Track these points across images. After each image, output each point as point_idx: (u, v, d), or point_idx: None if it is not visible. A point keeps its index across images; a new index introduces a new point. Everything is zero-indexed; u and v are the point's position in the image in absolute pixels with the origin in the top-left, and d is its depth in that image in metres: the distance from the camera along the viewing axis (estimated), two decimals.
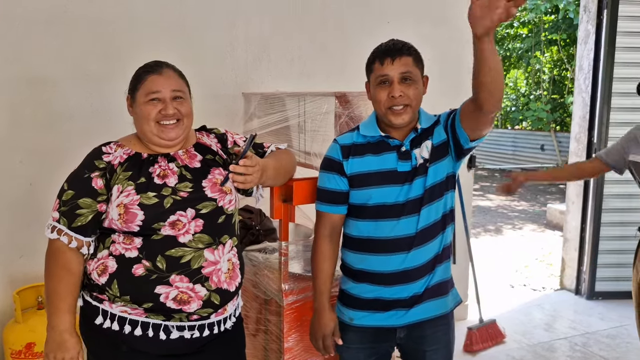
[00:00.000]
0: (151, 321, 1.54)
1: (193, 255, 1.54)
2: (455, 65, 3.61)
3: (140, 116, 1.59)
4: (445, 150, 1.72)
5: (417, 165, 1.70)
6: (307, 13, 3.15)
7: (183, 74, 1.67)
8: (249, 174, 1.55)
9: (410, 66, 1.67)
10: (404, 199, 1.69)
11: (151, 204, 1.51)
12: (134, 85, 1.62)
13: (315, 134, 2.17)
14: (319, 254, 1.80)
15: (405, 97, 1.65)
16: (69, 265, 1.54)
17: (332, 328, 1.79)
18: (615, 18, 4.00)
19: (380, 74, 1.67)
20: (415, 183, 1.69)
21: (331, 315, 1.80)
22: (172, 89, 1.59)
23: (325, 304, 1.79)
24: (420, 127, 1.73)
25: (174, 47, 2.80)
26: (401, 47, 1.68)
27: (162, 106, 1.58)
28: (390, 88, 1.66)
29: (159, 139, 1.59)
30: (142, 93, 1.58)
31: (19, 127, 2.61)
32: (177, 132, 1.60)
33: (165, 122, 1.58)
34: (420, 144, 1.72)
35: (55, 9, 2.61)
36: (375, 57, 1.70)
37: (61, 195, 1.56)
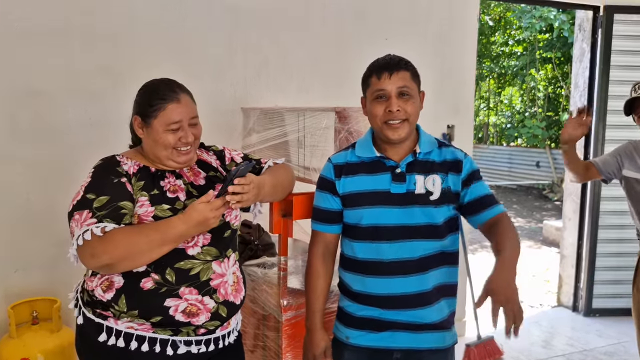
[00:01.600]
0: (159, 336, 1.52)
1: (202, 268, 1.54)
2: (454, 82, 3.66)
3: (156, 142, 1.56)
4: (453, 199, 1.70)
5: (414, 192, 1.67)
6: (306, 29, 3.17)
7: (192, 94, 1.65)
8: (245, 193, 1.51)
9: (408, 81, 1.66)
10: (400, 223, 1.66)
11: (166, 217, 1.50)
12: (149, 111, 1.56)
13: (315, 149, 2.18)
14: (312, 272, 1.78)
15: (402, 112, 1.63)
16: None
17: (323, 348, 1.76)
18: (610, 37, 4.05)
19: (378, 89, 1.65)
20: (414, 210, 1.66)
21: (322, 335, 1.76)
22: (190, 117, 1.58)
23: (317, 324, 1.76)
24: (420, 151, 1.70)
25: (174, 61, 2.82)
26: (398, 61, 1.67)
27: (182, 134, 1.56)
28: (388, 103, 1.63)
29: (173, 163, 1.59)
30: (162, 122, 1.54)
31: (18, 139, 2.61)
32: (190, 156, 1.62)
33: (183, 148, 1.58)
34: (424, 173, 1.68)
35: (56, 22, 2.62)
36: (372, 72, 1.68)
37: (88, 205, 1.45)
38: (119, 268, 1.47)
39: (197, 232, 1.49)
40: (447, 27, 3.58)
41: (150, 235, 1.43)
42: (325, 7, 3.22)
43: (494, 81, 16.06)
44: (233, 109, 2.97)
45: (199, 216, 1.44)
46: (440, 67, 3.58)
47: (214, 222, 1.48)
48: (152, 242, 1.43)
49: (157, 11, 2.82)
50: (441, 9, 3.55)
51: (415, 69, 1.71)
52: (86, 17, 2.68)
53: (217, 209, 1.46)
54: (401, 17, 3.45)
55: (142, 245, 1.42)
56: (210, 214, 1.44)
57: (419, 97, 1.71)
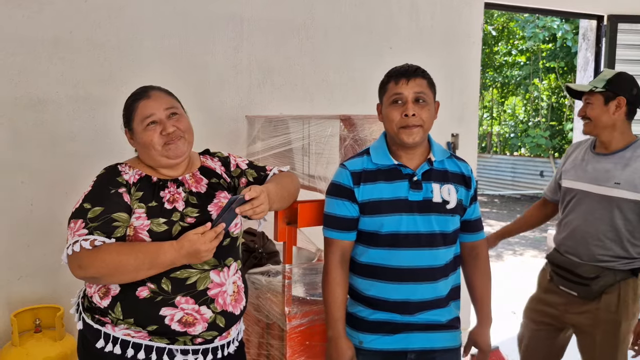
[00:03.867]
0: (155, 344, 1.51)
1: (199, 277, 1.52)
2: (458, 91, 3.66)
3: (143, 145, 1.57)
4: (462, 211, 1.78)
5: (432, 199, 1.71)
6: (310, 38, 3.18)
7: (171, 92, 1.66)
8: (259, 205, 1.51)
9: (425, 88, 1.71)
10: (417, 230, 1.70)
11: (160, 231, 1.49)
12: (127, 117, 1.60)
13: (320, 157, 2.17)
14: (331, 281, 1.76)
15: (418, 117, 1.67)
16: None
17: (351, 356, 1.75)
18: (614, 46, 4.06)
19: (395, 93, 1.69)
20: (431, 218, 1.70)
21: (348, 343, 1.75)
22: (164, 108, 1.57)
23: (341, 332, 1.75)
24: (435, 159, 1.75)
25: (178, 71, 2.83)
26: (416, 69, 1.72)
27: (160, 128, 1.56)
28: (404, 107, 1.68)
29: (167, 160, 1.57)
30: (138, 121, 1.56)
31: (22, 148, 2.61)
32: (183, 148, 1.59)
33: (169, 142, 1.56)
34: (439, 181, 1.73)
35: (61, 33, 2.63)
36: (390, 78, 1.73)
37: (83, 215, 1.47)
38: (104, 282, 1.48)
39: (189, 262, 1.47)
40: (451, 36, 3.59)
41: (139, 257, 1.42)
42: (329, 16, 3.22)
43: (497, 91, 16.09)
44: (238, 117, 2.97)
45: (190, 247, 1.43)
46: (444, 76, 3.58)
47: (207, 255, 1.45)
48: (140, 265, 1.42)
49: (161, 21, 2.83)
50: (445, 18, 3.56)
51: (431, 79, 1.76)
52: (91, 28, 2.69)
53: (210, 241, 1.44)
54: (405, 27, 3.46)
55: (129, 266, 1.42)
56: (202, 246, 1.43)
57: (435, 106, 1.75)
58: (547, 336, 2.36)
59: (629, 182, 2.08)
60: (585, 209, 2.18)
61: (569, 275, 2.22)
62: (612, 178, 2.11)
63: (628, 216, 2.10)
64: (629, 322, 2.15)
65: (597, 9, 4.07)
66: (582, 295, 2.19)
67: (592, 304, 2.17)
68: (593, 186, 2.16)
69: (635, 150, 2.12)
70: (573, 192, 2.23)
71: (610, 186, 2.11)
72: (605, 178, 2.12)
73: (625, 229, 2.11)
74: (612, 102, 2.12)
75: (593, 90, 2.15)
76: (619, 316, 2.14)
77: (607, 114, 2.12)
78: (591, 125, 2.17)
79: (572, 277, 2.21)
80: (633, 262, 2.14)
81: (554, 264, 2.30)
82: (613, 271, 2.14)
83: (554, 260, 2.29)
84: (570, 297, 2.24)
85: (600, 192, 2.13)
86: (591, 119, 2.16)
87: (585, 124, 2.20)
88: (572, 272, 2.20)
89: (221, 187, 1.69)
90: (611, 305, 2.14)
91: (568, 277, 2.22)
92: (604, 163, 2.15)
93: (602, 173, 2.14)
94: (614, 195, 2.10)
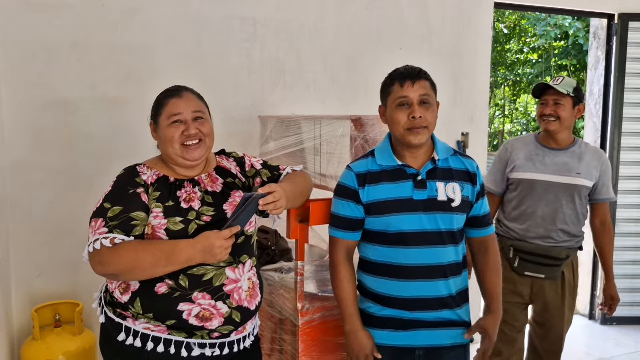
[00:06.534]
0: (174, 338, 1.56)
1: (215, 274, 1.58)
2: (468, 91, 3.68)
3: (164, 139, 1.64)
4: (468, 209, 1.81)
5: (437, 198, 1.74)
6: (322, 39, 3.23)
7: (202, 97, 1.73)
8: (277, 200, 1.57)
9: (429, 90, 1.74)
10: (424, 229, 1.73)
11: (177, 230, 1.55)
12: (156, 110, 1.67)
13: (331, 157, 2.22)
14: (340, 278, 1.81)
15: (424, 119, 1.71)
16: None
17: (372, 346, 1.78)
18: (625, 44, 4.05)
19: (401, 96, 1.72)
20: (437, 216, 1.74)
21: (367, 334, 1.79)
22: (192, 110, 1.64)
23: (359, 325, 1.79)
24: (439, 158, 1.78)
25: (193, 72, 2.89)
26: (419, 71, 1.75)
27: (184, 128, 1.62)
28: (411, 110, 1.71)
29: (183, 160, 1.63)
30: (165, 117, 1.64)
31: (42, 148, 2.69)
32: (200, 153, 1.65)
33: (189, 142, 1.63)
34: (444, 180, 1.76)
35: (79, 36, 2.71)
36: (394, 80, 1.75)
37: (104, 214, 1.53)
38: (124, 278, 1.54)
39: (204, 260, 1.52)
40: (461, 36, 3.62)
41: (157, 255, 1.48)
42: (340, 18, 3.27)
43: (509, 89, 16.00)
44: (251, 118, 3.02)
45: (206, 242, 1.49)
46: (454, 75, 3.61)
47: (221, 253, 1.51)
48: (158, 262, 1.48)
49: (176, 24, 2.89)
50: (455, 18, 3.59)
51: (432, 80, 1.79)
52: (109, 31, 2.76)
53: (225, 238, 1.50)
54: (416, 27, 3.49)
55: (146, 264, 1.48)
56: (216, 242, 1.49)
57: (436, 106, 1.78)
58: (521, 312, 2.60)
59: (587, 172, 2.44)
60: (550, 198, 2.45)
61: (541, 260, 2.48)
62: (573, 169, 2.44)
63: (583, 200, 2.48)
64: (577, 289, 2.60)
65: (608, 8, 4.07)
66: (550, 276, 2.48)
67: (557, 282, 2.49)
68: (558, 177, 2.45)
69: (581, 146, 2.50)
70: (535, 182, 2.48)
71: (573, 176, 2.44)
72: (567, 169, 2.45)
73: (581, 212, 2.48)
74: (577, 107, 2.46)
75: (568, 94, 2.40)
76: (576, 287, 2.56)
77: (572, 117, 2.46)
78: (558, 124, 2.44)
79: (544, 261, 2.48)
80: (580, 240, 2.53)
81: (523, 252, 2.51)
82: (572, 250, 2.50)
83: (524, 249, 2.51)
84: (534, 280, 2.51)
85: (565, 181, 2.44)
86: (560, 118, 2.43)
87: (552, 122, 2.45)
88: (546, 256, 2.47)
89: (236, 187, 1.74)
90: (571, 280, 2.52)
91: (539, 261, 2.48)
92: (562, 157, 2.47)
93: (563, 165, 2.46)
94: (577, 184, 2.44)
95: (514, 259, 2.53)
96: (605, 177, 2.48)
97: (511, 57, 14.52)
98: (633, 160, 4.13)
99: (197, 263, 1.53)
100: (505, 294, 2.49)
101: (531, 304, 2.58)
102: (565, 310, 2.51)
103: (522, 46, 14.07)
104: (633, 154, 4.13)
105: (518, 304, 2.55)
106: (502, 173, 2.61)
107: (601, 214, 2.54)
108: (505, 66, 14.75)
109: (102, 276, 1.56)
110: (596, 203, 2.52)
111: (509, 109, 16.91)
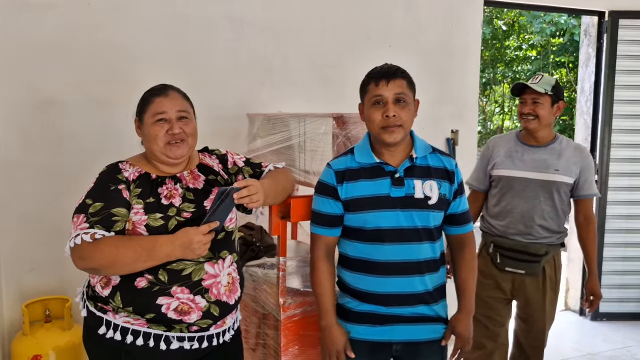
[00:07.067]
0: (153, 331, 1.60)
1: (194, 269, 1.61)
2: (457, 88, 3.70)
3: (148, 137, 1.67)
4: (445, 206, 1.84)
5: (413, 195, 1.76)
6: (309, 37, 3.25)
7: (187, 96, 1.76)
8: (252, 194, 1.60)
9: (404, 88, 1.75)
10: (400, 225, 1.76)
11: (157, 226, 1.58)
12: (141, 107, 1.71)
13: (314, 154, 2.25)
14: (319, 273, 1.84)
15: (398, 118, 1.73)
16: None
17: (344, 342, 1.82)
18: (615, 42, 4.07)
19: (375, 94, 1.75)
20: (413, 213, 1.76)
21: (341, 330, 1.83)
22: (177, 110, 1.68)
23: (333, 321, 1.83)
24: (417, 156, 1.80)
25: (181, 71, 2.91)
26: (395, 70, 1.77)
27: (168, 126, 1.66)
28: (385, 108, 1.73)
29: (166, 158, 1.67)
30: (149, 115, 1.67)
31: (31, 146, 2.72)
32: (183, 151, 1.68)
33: (172, 141, 1.66)
34: (421, 177, 1.79)
35: (65, 35, 2.74)
36: (370, 79, 1.78)
37: (85, 210, 1.56)
38: (105, 273, 1.58)
39: (184, 255, 1.54)
40: (451, 33, 3.63)
41: (137, 250, 1.52)
42: (327, 16, 3.29)
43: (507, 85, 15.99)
44: (239, 115, 3.05)
45: (184, 238, 1.52)
46: (444, 72, 3.63)
47: (199, 248, 1.53)
48: (138, 257, 1.52)
49: (163, 23, 2.92)
50: (444, 15, 3.61)
51: (410, 78, 1.80)
52: (95, 30, 2.79)
53: (203, 234, 1.53)
54: (404, 24, 3.51)
55: (126, 259, 1.51)
56: (195, 237, 1.52)
57: (414, 105, 1.80)
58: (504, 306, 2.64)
59: (565, 169, 2.46)
60: (529, 194, 2.49)
61: (521, 256, 2.51)
62: (551, 166, 2.47)
63: (562, 197, 2.49)
64: (559, 284, 2.62)
65: (598, 5, 4.08)
66: (530, 272, 2.51)
67: (538, 277, 2.51)
68: (535, 173, 2.48)
69: (562, 143, 2.52)
70: (514, 179, 2.52)
71: (551, 172, 2.47)
72: (545, 166, 2.47)
73: (560, 208, 2.50)
74: (555, 105, 2.48)
75: (545, 92, 2.43)
76: (557, 283, 2.58)
77: (551, 114, 2.48)
78: (536, 122, 2.47)
79: (523, 257, 2.51)
80: (562, 236, 2.55)
81: (503, 248, 2.55)
82: (552, 246, 2.52)
83: (504, 245, 2.55)
84: (515, 276, 2.54)
85: (543, 178, 2.47)
86: (539, 117, 2.46)
87: (531, 120, 2.47)
88: (525, 252, 2.51)
89: (218, 184, 1.77)
90: (552, 275, 2.54)
91: (519, 257, 2.52)
92: (540, 154, 2.50)
93: (541, 162, 2.49)
94: (556, 180, 2.46)
95: (495, 254, 2.56)
96: (586, 172, 2.49)
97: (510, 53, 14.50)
98: (623, 157, 4.15)
99: (176, 258, 1.56)
100: (487, 289, 2.55)
101: (513, 299, 2.61)
102: (547, 305, 2.54)
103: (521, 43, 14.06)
104: (623, 150, 4.15)
105: (500, 299, 2.58)
106: (484, 170, 2.65)
107: (584, 209, 2.57)
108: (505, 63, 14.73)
109: (83, 271, 1.59)
110: (578, 199, 2.54)
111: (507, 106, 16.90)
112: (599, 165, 4.19)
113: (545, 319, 2.55)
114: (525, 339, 2.62)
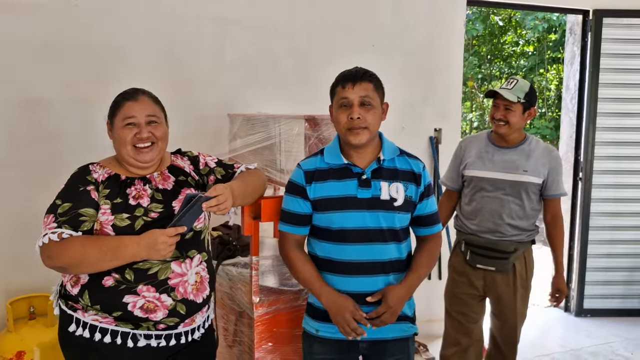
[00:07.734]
0: (120, 329, 1.64)
1: (160, 267, 1.65)
2: (441, 87, 3.73)
3: (118, 140, 1.72)
4: (411, 208, 1.87)
5: (379, 197, 1.80)
6: (293, 37, 3.29)
7: (159, 100, 1.80)
8: (220, 203, 1.63)
9: (370, 91, 1.79)
10: (366, 226, 1.80)
11: (123, 226, 1.63)
12: (112, 111, 1.75)
13: (289, 154, 2.29)
14: (295, 262, 1.86)
15: (363, 120, 1.77)
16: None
17: (352, 304, 1.78)
18: (599, 40, 4.09)
19: (342, 97, 1.79)
20: (379, 215, 1.80)
21: (343, 296, 1.80)
22: (146, 114, 1.72)
23: (331, 292, 1.80)
24: (384, 158, 1.84)
25: (164, 71, 2.95)
26: (363, 73, 1.81)
27: (137, 130, 1.70)
28: (350, 110, 1.77)
29: (135, 161, 1.71)
30: (120, 118, 1.71)
31: (16, 146, 2.77)
32: (152, 155, 1.73)
33: (140, 145, 1.70)
34: (388, 179, 1.82)
35: (52, 35, 2.78)
36: (338, 82, 1.83)
37: (54, 210, 1.62)
38: (73, 272, 1.63)
39: (149, 255, 1.58)
40: (433, 33, 3.66)
41: (103, 250, 1.57)
42: (311, 16, 3.32)
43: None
44: (222, 115, 3.08)
45: (150, 239, 1.57)
46: (427, 72, 3.66)
47: (164, 249, 1.57)
48: (103, 257, 1.57)
49: (148, 24, 2.96)
50: (428, 15, 3.64)
51: (379, 82, 1.84)
52: (80, 30, 2.83)
53: (169, 236, 1.57)
54: (388, 25, 3.54)
55: (93, 258, 1.57)
56: (160, 238, 1.56)
57: (382, 108, 1.84)
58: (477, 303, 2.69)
59: (534, 169, 2.52)
60: (499, 194, 2.54)
61: (490, 253, 2.57)
62: (520, 166, 2.52)
63: (531, 196, 2.55)
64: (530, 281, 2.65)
65: (582, 4, 4.11)
66: (500, 269, 2.57)
67: (509, 274, 2.57)
68: (505, 174, 2.54)
69: (531, 144, 2.58)
70: (484, 180, 2.57)
71: (520, 173, 2.52)
72: (515, 167, 2.53)
73: (529, 207, 2.55)
74: (527, 112, 2.53)
75: (518, 101, 2.47)
76: (528, 280, 2.63)
77: (522, 120, 2.53)
78: (507, 127, 2.52)
79: (492, 254, 2.57)
80: (532, 233, 2.60)
81: (474, 245, 2.61)
82: (522, 243, 2.58)
83: (474, 242, 2.61)
84: (486, 273, 2.60)
85: (512, 178, 2.53)
86: (510, 123, 2.50)
87: (502, 125, 2.52)
88: (494, 249, 2.56)
89: (187, 185, 1.81)
90: (522, 273, 2.59)
91: (488, 254, 2.58)
92: (510, 155, 2.56)
93: (510, 163, 2.54)
94: (524, 180, 2.52)
95: (466, 252, 2.61)
96: (554, 173, 2.54)
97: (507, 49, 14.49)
98: (607, 155, 4.19)
99: (142, 258, 1.60)
100: (461, 286, 2.60)
101: (486, 296, 2.66)
102: (518, 302, 2.59)
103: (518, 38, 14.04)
104: (607, 148, 4.18)
105: (474, 295, 2.63)
106: (457, 170, 2.70)
107: (552, 209, 2.62)
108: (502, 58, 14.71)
109: (52, 269, 1.64)
110: (547, 198, 2.59)
111: None
112: (583, 163, 4.23)
113: (516, 315, 2.60)
114: (500, 336, 2.67)
